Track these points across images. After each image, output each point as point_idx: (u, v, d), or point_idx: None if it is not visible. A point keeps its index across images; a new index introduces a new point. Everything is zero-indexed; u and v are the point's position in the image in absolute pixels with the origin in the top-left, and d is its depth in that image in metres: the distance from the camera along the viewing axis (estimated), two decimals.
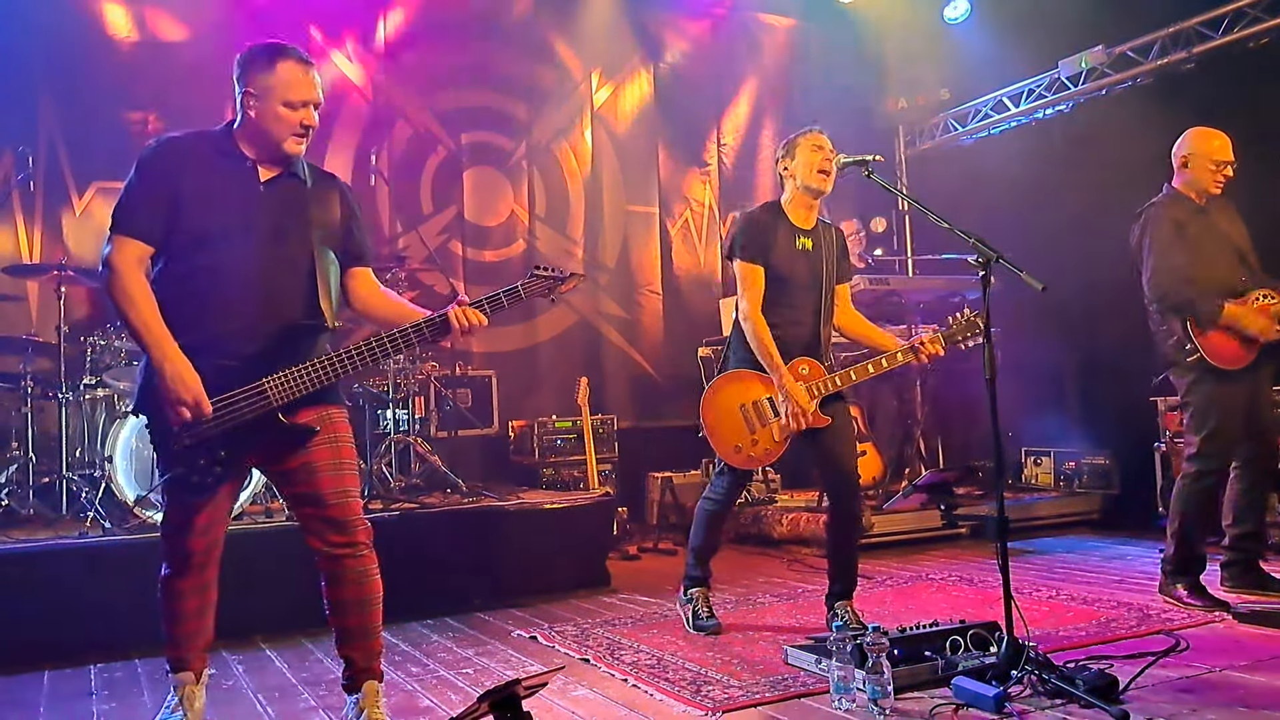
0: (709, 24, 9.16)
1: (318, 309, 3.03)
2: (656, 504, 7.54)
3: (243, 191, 3.02)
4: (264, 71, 3.01)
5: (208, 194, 2.98)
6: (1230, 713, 3.01)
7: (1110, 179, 6.61)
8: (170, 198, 2.96)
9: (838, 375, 4.10)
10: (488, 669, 3.94)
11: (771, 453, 4.15)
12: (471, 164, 8.13)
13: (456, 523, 5.39)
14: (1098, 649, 3.73)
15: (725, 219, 9.06)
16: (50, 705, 3.72)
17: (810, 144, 4.18)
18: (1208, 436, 4.50)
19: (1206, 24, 6.88)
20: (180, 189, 2.97)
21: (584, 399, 7.04)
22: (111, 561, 4.55)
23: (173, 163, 3.00)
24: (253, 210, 3.01)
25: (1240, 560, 4.66)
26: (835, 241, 4.31)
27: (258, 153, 3.05)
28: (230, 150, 3.04)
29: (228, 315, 2.96)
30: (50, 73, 6.71)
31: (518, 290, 3.20)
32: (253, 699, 3.67)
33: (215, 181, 3.00)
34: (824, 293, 4.21)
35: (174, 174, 2.98)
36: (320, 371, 2.99)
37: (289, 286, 3.03)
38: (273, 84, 2.99)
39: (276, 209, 3.04)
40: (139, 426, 4.97)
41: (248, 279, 2.97)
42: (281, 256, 3.02)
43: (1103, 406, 7.24)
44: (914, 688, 3.30)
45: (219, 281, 2.96)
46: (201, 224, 2.96)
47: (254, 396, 2.92)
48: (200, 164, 3.01)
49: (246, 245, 2.98)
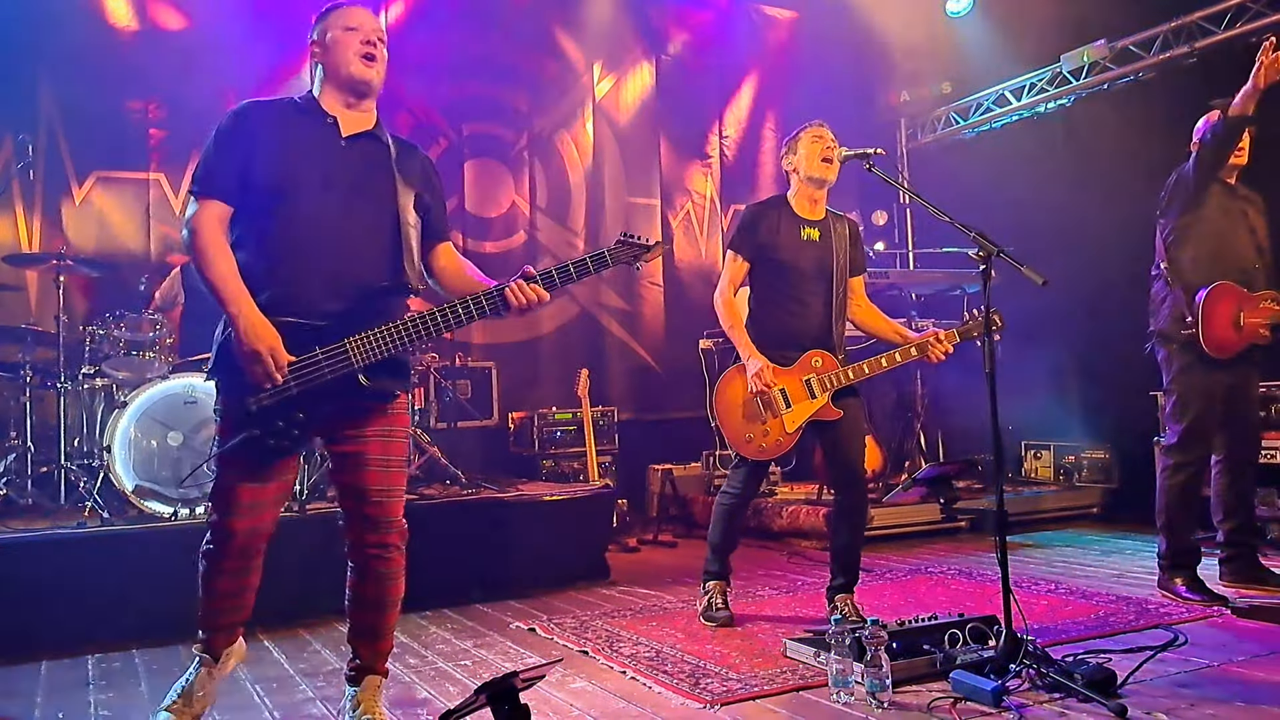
0: (711, 16, 9.15)
1: (401, 270, 2.96)
2: (657, 496, 7.55)
3: (324, 147, 2.98)
4: (321, 22, 3.09)
5: (287, 150, 2.93)
6: (1228, 707, 3.01)
7: (1112, 173, 6.60)
8: (247, 156, 2.91)
9: (850, 369, 4.09)
10: (486, 661, 3.94)
11: (783, 444, 4.12)
12: (472, 155, 8.12)
13: (455, 514, 5.39)
14: (1096, 643, 3.73)
15: (727, 211, 9.06)
16: (48, 695, 3.72)
17: (811, 136, 4.19)
18: (1187, 427, 4.52)
19: (1209, 19, 6.86)
20: (258, 146, 2.92)
21: (584, 391, 7.04)
22: (109, 551, 4.55)
23: (255, 120, 2.97)
24: (334, 166, 2.96)
25: (1237, 555, 4.66)
26: (846, 233, 4.29)
27: (338, 104, 3.04)
28: (312, 109, 3.04)
29: (307, 272, 2.88)
30: (51, 61, 6.69)
31: (604, 256, 3.04)
32: (251, 689, 3.67)
33: (295, 136, 2.97)
34: (834, 284, 4.19)
35: (254, 133, 2.95)
36: (403, 334, 2.90)
37: (371, 245, 2.96)
38: (330, 23, 3.07)
39: (358, 166, 2.99)
40: (137, 416, 4.98)
41: (329, 235, 2.90)
42: (363, 214, 2.96)
43: (1103, 400, 7.24)
44: (912, 681, 3.30)
45: (299, 237, 2.89)
46: (280, 179, 2.90)
47: (336, 356, 2.84)
48: (281, 121, 2.99)
49: (327, 201, 2.92)
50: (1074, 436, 7.54)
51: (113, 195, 6.89)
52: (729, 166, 9.15)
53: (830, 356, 4.12)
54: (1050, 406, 7.57)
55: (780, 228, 4.18)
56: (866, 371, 4.11)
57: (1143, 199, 4.83)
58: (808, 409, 4.09)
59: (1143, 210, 6.44)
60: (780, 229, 4.18)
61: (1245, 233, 4.60)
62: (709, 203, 9.05)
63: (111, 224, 6.85)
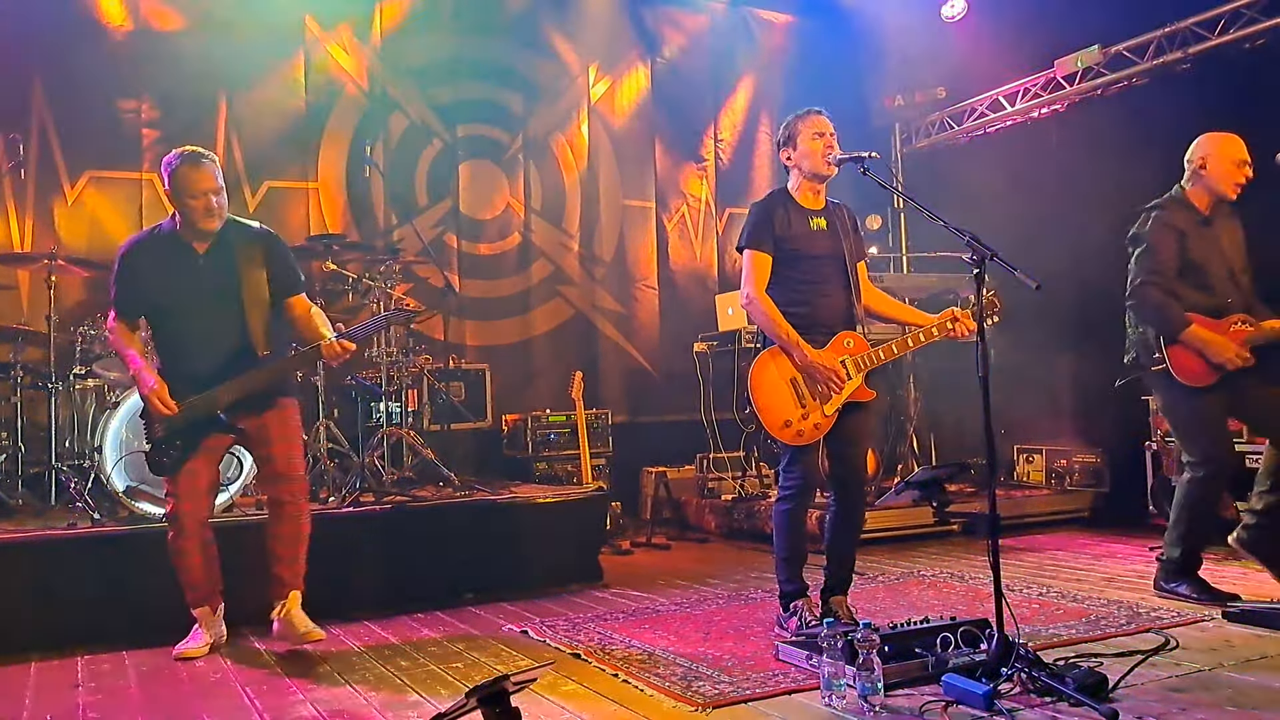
0: (707, 19, 9.15)
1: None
2: (650, 499, 7.54)
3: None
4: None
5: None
6: (1219, 712, 3.01)
7: (1106, 178, 6.61)
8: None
9: (881, 349, 4.07)
10: (478, 663, 3.93)
11: (822, 426, 4.05)
12: (467, 157, 8.11)
13: (448, 516, 5.38)
14: (1087, 647, 3.74)
15: (722, 215, 9.06)
16: (37, 695, 3.70)
17: (811, 131, 4.15)
18: (1195, 446, 4.53)
19: (1203, 24, 6.87)
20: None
21: (578, 393, 7.04)
22: (100, 552, 4.55)
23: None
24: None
25: (1261, 526, 4.51)
26: (848, 218, 4.30)
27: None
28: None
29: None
30: (43, 60, 6.68)
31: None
32: (240, 690, 3.66)
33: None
34: (849, 268, 4.19)
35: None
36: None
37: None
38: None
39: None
40: (128, 417, 4.96)
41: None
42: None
43: (1095, 405, 7.24)
44: (904, 684, 3.30)
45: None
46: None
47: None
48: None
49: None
50: (1066, 441, 7.55)
51: (105, 195, 6.87)
52: (724, 170, 9.15)
53: (860, 338, 4.12)
54: (1042, 410, 7.58)
55: (790, 219, 4.17)
56: (896, 351, 4.10)
57: (1137, 205, 4.83)
58: (846, 390, 4.07)
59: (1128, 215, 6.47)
60: (791, 221, 4.16)
61: (1218, 268, 4.57)
62: (704, 206, 9.05)
63: (104, 224, 6.83)
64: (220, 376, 4.14)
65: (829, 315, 4.14)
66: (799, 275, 4.15)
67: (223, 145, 7.13)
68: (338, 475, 5.79)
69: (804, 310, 4.12)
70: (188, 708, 3.48)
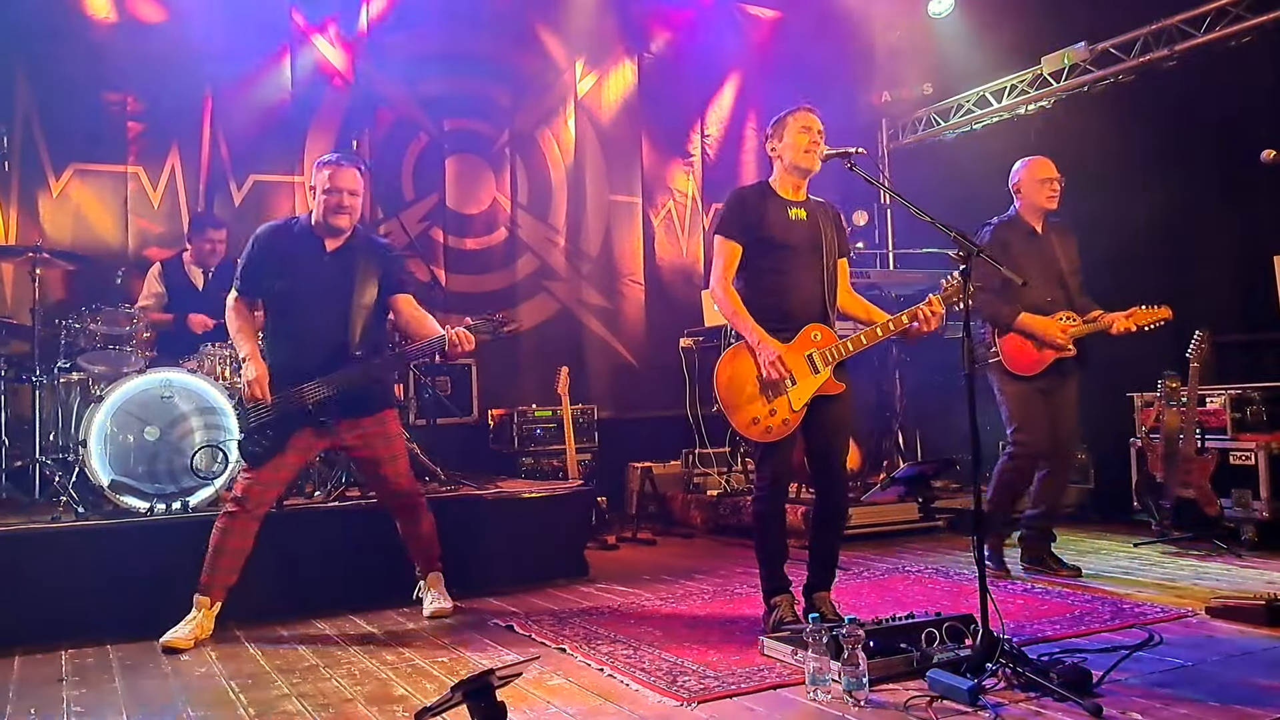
0: (693, 14, 9.13)
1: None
2: (636, 494, 7.54)
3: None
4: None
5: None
6: (1202, 707, 3.03)
7: (1091, 175, 6.63)
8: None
9: (849, 340, 4.01)
10: (463, 658, 3.93)
11: (791, 422, 4.00)
12: (453, 151, 8.09)
13: (434, 511, 5.36)
14: (1072, 642, 3.76)
15: (708, 210, 9.05)
16: (20, 690, 3.68)
17: (798, 125, 4.14)
18: (1017, 428, 5.19)
19: (1189, 22, 6.90)
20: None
21: (564, 388, 7.03)
22: (85, 546, 4.53)
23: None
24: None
25: (1034, 537, 5.34)
26: (830, 214, 4.27)
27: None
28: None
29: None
30: (28, 52, 6.64)
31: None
32: (226, 685, 3.65)
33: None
34: (825, 261, 4.15)
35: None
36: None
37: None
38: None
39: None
40: (113, 410, 4.93)
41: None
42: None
43: (1079, 402, 7.26)
44: (889, 679, 3.31)
45: None
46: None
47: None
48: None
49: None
50: None
51: (90, 188, 6.83)
52: (711, 165, 9.15)
53: (829, 330, 4.06)
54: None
55: (767, 208, 4.13)
56: (865, 342, 4.02)
57: (1121, 201, 4.87)
58: (812, 384, 4.02)
59: (1121, 212, 6.49)
60: (767, 210, 4.13)
61: (1043, 274, 5.14)
62: (691, 201, 9.05)
63: (88, 217, 6.79)
64: (318, 371, 4.33)
65: (798, 307, 4.09)
66: (770, 265, 4.11)
67: (208, 139, 7.08)
68: (323, 469, 5.76)
69: (772, 301, 4.08)
70: (173, 702, 3.47)
